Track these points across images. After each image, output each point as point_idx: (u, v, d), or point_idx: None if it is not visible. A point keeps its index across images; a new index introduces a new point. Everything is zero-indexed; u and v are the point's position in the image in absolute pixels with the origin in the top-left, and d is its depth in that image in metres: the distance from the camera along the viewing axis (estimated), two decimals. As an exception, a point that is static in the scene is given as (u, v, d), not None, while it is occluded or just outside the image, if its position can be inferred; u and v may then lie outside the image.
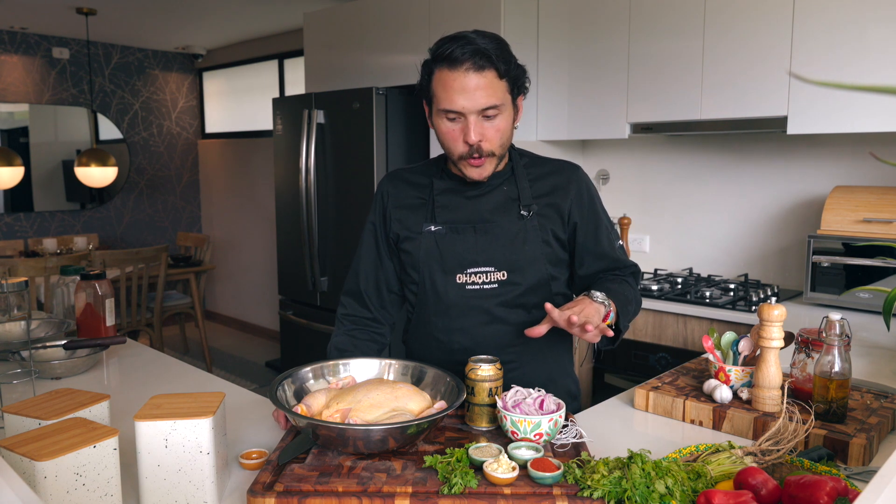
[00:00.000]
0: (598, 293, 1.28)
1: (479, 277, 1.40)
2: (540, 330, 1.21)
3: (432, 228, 1.42)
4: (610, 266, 1.47)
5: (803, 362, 1.31)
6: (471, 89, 1.27)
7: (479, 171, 1.36)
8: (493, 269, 1.40)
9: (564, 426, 1.16)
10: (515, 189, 1.43)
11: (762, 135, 2.81)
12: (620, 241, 1.50)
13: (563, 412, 1.12)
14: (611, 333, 1.23)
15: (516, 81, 1.34)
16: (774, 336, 1.24)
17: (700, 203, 3.04)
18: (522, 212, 1.41)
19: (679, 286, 2.76)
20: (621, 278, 1.45)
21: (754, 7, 2.45)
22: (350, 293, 1.55)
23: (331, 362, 1.28)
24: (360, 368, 1.30)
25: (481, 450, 1.03)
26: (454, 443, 1.12)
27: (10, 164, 4.35)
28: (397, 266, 1.52)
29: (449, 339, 1.43)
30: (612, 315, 1.30)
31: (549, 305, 1.18)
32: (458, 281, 1.41)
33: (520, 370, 1.43)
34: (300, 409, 1.11)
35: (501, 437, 1.14)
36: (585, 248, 1.45)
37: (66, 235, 5.18)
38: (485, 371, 1.18)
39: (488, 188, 1.43)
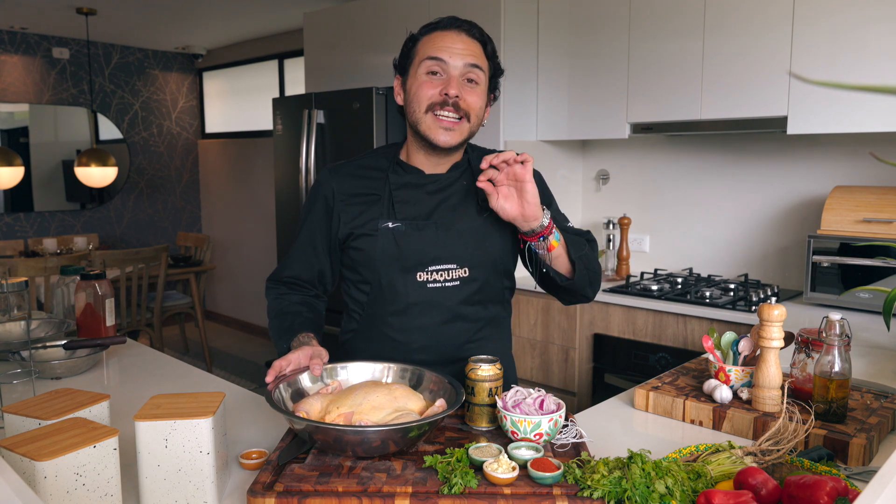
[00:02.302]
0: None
1: (441, 275, 1.37)
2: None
3: (390, 225, 1.36)
4: None
5: (803, 362, 1.31)
6: (460, 46, 1.29)
7: (449, 136, 1.31)
8: (455, 265, 1.37)
9: (564, 426, 1.16)
10: (473, 181, 1.40)
11: (762, 135, 2.81)
12: (570, 222, 1.48)
13: (563, 412, 1.12)
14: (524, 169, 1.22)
15: (495, 73, 1.37)
16: (774, 336, 1.24)
17: (700, 203, 3.04)
18: (481, 205, 1.39)
19: (679, 286, 2.76)
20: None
21: (754, 7, 2.45)
22: (273, 279, 1.50)
23: (328, 365, 1.27)
24: (357, 371, 1.29)
25: (481, 450, 1.03)
26: (454, 443, 1.12)
27: (10, 164, 4.35)
28: (336, 265, 1.46)
29: (407, 339, 1.39)
30: (557, 234, 1.30)
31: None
32: (418, 279, 1.36)
33: None
34: (301, 414, 1.10)
35: (501, 437, 1.14)
36: None
37: (66, 235, 5.18)
38: (485, 371, 1.18)
39: (448, 181, 1.39)
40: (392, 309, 1.39)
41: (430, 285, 1.37)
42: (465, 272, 1.37)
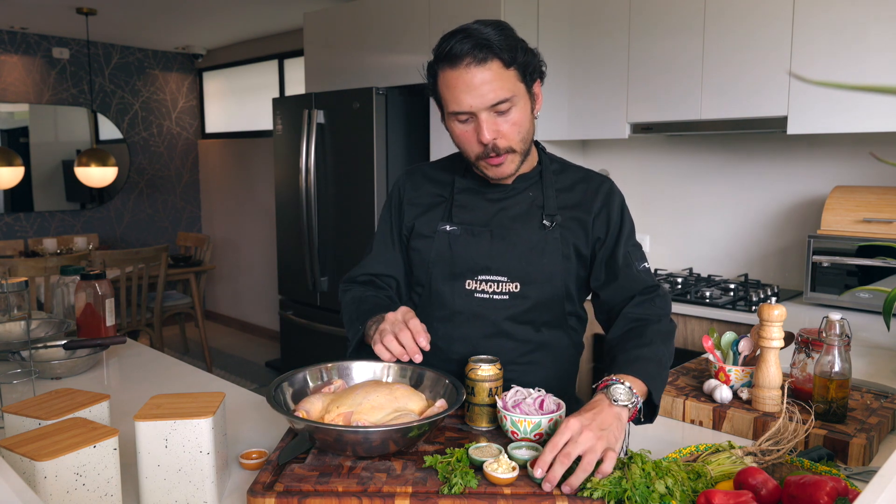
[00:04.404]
0: (620, 388, 1.06)
1: (490, 286, 1.32)
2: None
3: (447, 228, 1.34)
4: (629, 288, 1.30)
5: (803, 362, 1.31)
6: (476, 85, 1.18)
7: (499, 171, 1.26)
8: (505, 278, 1.31)
9: (564, 426, 1.16)
10: (541, 196, 1.33)
11: (762, 135, 2.81)
12: (647, 264, 1.36)
13: (563, 412, 1.12)
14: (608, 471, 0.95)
15: (527, 68, 1.23)
16: (774, 336, 1.24)
17: (700, 203, 3.04)
18: (545, 221, 1.31)
19: (679, 286, 2.76)
20: (653, 330, 1.23)
21: (754, 7, 2.45)
22: (348, 280, 1.46)
23: (329, 364, 1.27)
24: (359, 371, 1.29)
25: (481, 450, 1.03)
26: (454, 443, 1.12)
27: (10, 164, 4.35)
28: (406, 264, 1.44)
29: (448, 348, 1.35)
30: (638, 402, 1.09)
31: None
32: (466, 287, 1.33)
33: None
34: (301, 413, 1.10)
35: (501, 437, 1.14)
36: (601, 263, 1.33)
37: (66, 235, 5.18)
38: (485, 371, 1.18)
39: (513, 191, 1.34)
40: (439, 315, 1.36)
41: (477, 295, 1.33)
42: (515, 287, 1.31)
